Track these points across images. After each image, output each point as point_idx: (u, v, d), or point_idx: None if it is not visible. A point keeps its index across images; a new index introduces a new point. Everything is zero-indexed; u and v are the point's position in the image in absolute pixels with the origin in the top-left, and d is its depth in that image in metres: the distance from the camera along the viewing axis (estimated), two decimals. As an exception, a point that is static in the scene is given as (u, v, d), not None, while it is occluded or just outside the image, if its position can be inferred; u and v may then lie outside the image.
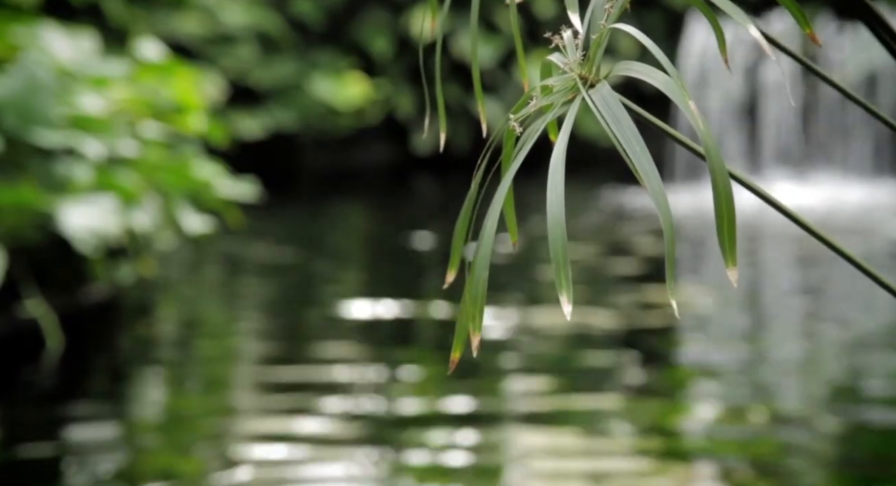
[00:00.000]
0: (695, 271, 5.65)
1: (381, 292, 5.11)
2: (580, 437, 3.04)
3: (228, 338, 4.50)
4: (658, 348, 4.07)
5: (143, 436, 3.20)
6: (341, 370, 3.71)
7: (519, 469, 2.85)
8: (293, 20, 9.90)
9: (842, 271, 5.34)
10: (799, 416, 3.30)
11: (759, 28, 0.78)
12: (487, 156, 0.84)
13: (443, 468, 2.83)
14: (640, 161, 0.74)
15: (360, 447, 2.99)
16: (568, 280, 0.75)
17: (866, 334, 4.32)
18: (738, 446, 3.01)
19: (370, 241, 7.18)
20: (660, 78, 0.76)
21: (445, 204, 8.51)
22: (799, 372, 3.86)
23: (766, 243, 6.56)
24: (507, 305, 4.61)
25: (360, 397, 3.42)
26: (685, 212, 7.33)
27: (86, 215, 3.96)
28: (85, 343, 4.20)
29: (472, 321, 0.79)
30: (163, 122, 4.84)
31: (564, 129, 0.78)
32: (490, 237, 0.79)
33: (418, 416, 3.26)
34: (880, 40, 0.96)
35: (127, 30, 8.42)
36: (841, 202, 8.03)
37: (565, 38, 0.83)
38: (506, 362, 3.82)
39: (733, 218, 0.74)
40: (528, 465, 2.86)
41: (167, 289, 5.31)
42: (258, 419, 3.28)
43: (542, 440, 3.03)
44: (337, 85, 9.53)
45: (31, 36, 4.46)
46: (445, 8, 0.94)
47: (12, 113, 4.02)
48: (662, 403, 3.39)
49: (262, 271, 5.93)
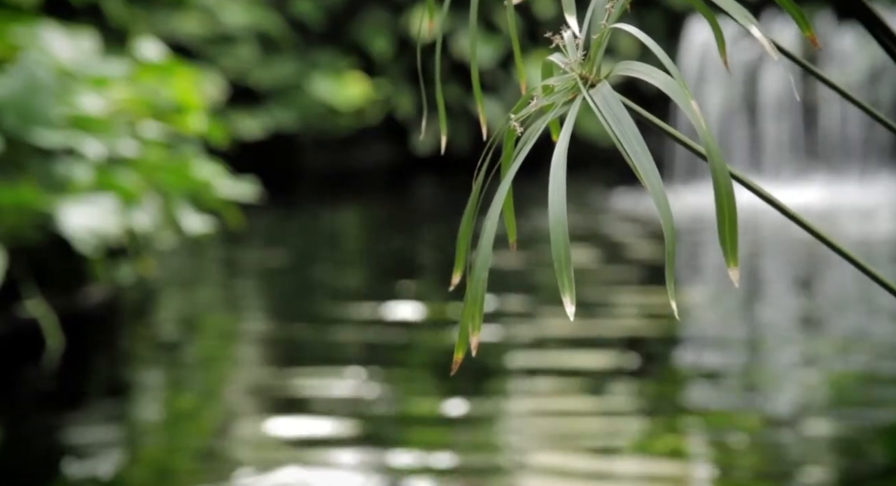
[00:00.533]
0: (694, 272, 5.65)
1: (381, 293, 5.11)
2: (581, 438, 3.04)
3: (228, 338, 4.50)
4: (657, 351, 4.07)
5: (143, 436, 3.20)
6: (341, 371, 3.71)
7: (519, 471, 2.84)
8: (293, 20, 9.89)
9: (842, 271, 5.34)
10: (800, 417, 3.30)
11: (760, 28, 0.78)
12: (488, 157, 0.84)
13: (443, 468, 2.83)
14: (641, 161, 0.74)
15: (359, 447, 2.99)
16: (570, 281, 0.75)
17: (867, 337, 4.32)
18: (738, 447, 3.01)
19: (370, 241, 7.18)
20: (661, 78, 0.76)
21: (446, 204, 8.50)
22: (798, 374, 3.85)
23: (766, 242, 6.56)
24: (507, 305, 4.61)
25: (360, 397, 3.42)
26: (685, 212, 7.33)
27: (86, 215, 3.96)
28: (85, 343, 4.20)
29: (471, 322, 0.79)
30: (163, 122, 4.84)
31: (565, 129, 0.78)
32: (490, 238, 0.79)
33: (418, 416, 3.26)
34: (878, 41, 0.96)
35: (127, 30, 8.42)
36: (841, 201, 8.03)
37: (565, 38, 0.82)
38: (506, 365, 3.82)
39: (735, 218, 0.74)
40: (528, 467, 2.86)
41: (167, 289, 5.30)
42: (258, 420, 3.28)
43: (543, 441, 3.03)
44: (337, 85, 9.53)
45: (31, 36, 4.46)
46: (445, 8, 0.93)
47: (12, 113, 4.02)
48: (664, 403, 3.39)
49: (261, 271, 5.93)
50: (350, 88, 9.51)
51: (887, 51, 0.97)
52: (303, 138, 9.94)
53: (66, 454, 2.99)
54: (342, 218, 8.11)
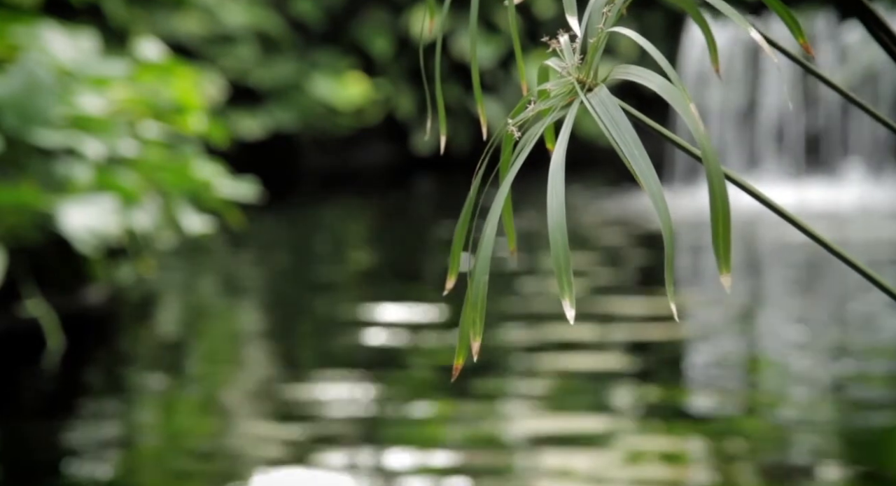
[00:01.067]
0: (692, 275, 5.65)
1: (381, 293, 5.11)
2: (582, 440, 3.04)
3: (228, 338, 4.50)
4: (656, 355, 4.07)
5: (143, 436, 3.20)
6: (341, 372, 3.71)
7: (520, 473, 2.85)
8: (293, 20, 9.89)
9: (841, 273, 5.33)
10: (799, 418, 3.30)
11: (758, 29, 0.78)
12: (486, 160, 0.84)
13: (443, 469, 2.84)
14: (639, 165, 0.74)
15: (359, 448, 2.99)
16: (570, 284, 0.75)
17: (865, 339, 4.32)
18: (738, 453, 3.01)
19: (370, 241, 7.18)
20: (658, 81, 0.76)
21: (446, 204, 8.50)
22: (799, 376, 3.85)
23: (763, 245, 6.56)
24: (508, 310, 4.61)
25: (360, 398, 3.42)
26: (684, 215, 7.33)
27: (86, 215, 3.96)
28: (85, 343, 4.20)
29: (472, 326, 0.79)
30: (163, 122, 4.84)
31: (563, 133, 0.78)
32: (490, 242, 0.79)
33: (418, 417, 3.26)
34: (878, 41, 0.96)
35: (127, 30, 8.42)
36: (839, 204, 8.03)
37: (562, 43, 0.83)
38: (507, 369, 3.82)
39: (728, 223, 0.74)
40: (529, 470, 2.86)
41: (167, 289, 5.30)
42: (258, 420, 3.28)
43: (544, 442, 3.03)
44: (337, 85, 9.53)
45: (31, 36, 4.46)
46: (445, 8, 0.94)
47: (12, 113, 4.02)
48: (664, 405, 3.39)
49: (261, 271, 5.93)
50: (350, 88, 9.51)
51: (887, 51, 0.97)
52: (303, 138, 9.94)
53: (66, 454, 2.99)
54: (342, 218, 8.11)
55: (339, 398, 3.41)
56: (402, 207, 8.69)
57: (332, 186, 9.68)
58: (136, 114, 4.65)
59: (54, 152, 4.12)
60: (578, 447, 2.96)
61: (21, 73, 4.10)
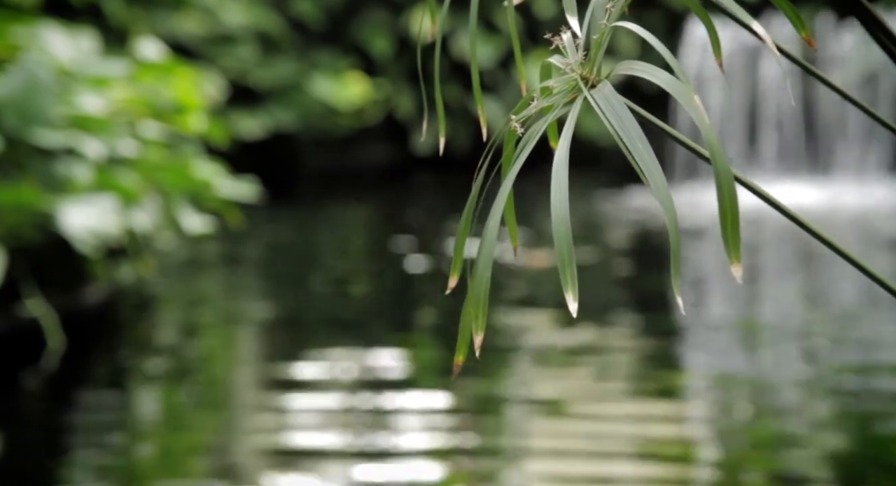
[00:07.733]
0: (694, 270, 5.65)
1: (381, 293, 5.11)
2: (583, 441, 3.04)
3: (228, 338, 4.50)
4: (659, 351, 4.07)
5: (143, 436, 3.20)
6: (341, 369, 3.71)
7: (520, 472, 2.84)
8: (293, 20, 9.89)
9: (842, 272, 5.33)
10: (799, 418, 3.30)
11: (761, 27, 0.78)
12: (488, 159, 0.84)
13: (443, 468, 2.83)
14: (644, 160, 0.74)
15: (359, 450, 2.99)
16: (573, 279, 0.75)
17: (867, 334, 4.32)
18: (743, 450, 3.01)
19: (370, 241, 7.18)
20: (663, 76, 0.76)
21: (446, 204, 8.50)
22: (800, 377, 3.85)
23: (766, 243, 6.56)
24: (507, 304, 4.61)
25: (361, 398, 3.42)
26: (685, 211, 7.33)
27: (86, 215, 3.96)
28: (85, 343, 4.20)
29: (474, 322, 0.78)
30: (163, 122, 4.84)
31: (567, 129, 0.78)
32: (492, 239, 0.78)
33: (419, 417, 3.26)
34: (878, 41, 0.96)
35: (127, 30, 8.42)
36: (841, 202, 8.03)
37: (565, 40, 0.82)
38: (507, 364, 3.82)
39: (737, 216, 0.74)
40: (530, 468, 2.86)
41: (167, 289, 5.30)
42: (258, 419, 3.28)
43: (545, 443, 3.03)
44: (337, 85, 9.53)
45: (31, 36, 4.46)
46: (445, 8, 0.93)
47: (12, 113, 4.02)
48: (665, 406, 3.39)
49: (261, 271, 5.93)
50: (350, 87, 9.51)
51: (887, 51, 0.97)
52: (303, 138, 9.94)
53: (66, 453, 2.99)
54: (342, 218, 8.11)
55: (340, 399, 3.41)
56: (402, 207, 8.69)
57: (332, 186, 9.68)
58: (136, 114, 4.65)
59: (54, 152, 4.12)
60: (578, 449, 2.96)
61: (21, 73, 4.10)
